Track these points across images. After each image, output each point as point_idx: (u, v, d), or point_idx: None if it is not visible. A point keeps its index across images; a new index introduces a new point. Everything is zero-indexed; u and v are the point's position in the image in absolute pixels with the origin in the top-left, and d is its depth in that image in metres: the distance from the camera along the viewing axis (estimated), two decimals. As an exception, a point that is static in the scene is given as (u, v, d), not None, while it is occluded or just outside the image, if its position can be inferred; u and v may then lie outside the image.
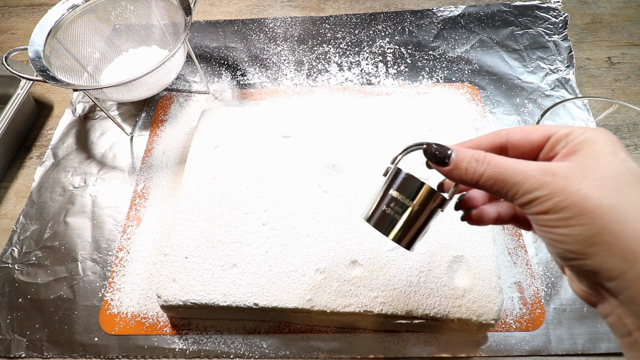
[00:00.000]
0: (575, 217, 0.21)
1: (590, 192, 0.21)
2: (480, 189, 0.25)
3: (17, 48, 0.52)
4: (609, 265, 0.20)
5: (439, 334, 0.43)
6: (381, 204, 0.29)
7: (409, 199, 0.28)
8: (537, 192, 0.22)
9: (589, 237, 0.20)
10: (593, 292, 0.23)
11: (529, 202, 0.22)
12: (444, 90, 0.62)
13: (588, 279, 0.22)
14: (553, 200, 0.21)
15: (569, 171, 0.22)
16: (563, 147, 0.24)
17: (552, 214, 0.21)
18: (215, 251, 0.44)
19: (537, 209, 0.22)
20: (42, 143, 0.61)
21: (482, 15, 0.71)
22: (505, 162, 0.24)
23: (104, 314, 0.46)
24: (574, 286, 0.24)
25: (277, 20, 0.73)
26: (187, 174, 0.49)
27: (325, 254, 0.43)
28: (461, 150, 0.26)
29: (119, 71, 0.62)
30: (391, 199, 0.29)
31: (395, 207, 0.28)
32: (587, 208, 0.20)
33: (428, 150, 0.26)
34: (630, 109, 0.49)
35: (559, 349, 0.42)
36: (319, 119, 0.53)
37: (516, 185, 0.23)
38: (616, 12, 0.71)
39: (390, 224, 0.29)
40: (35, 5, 0.81)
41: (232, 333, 0.44)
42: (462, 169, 0.25)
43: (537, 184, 0.22)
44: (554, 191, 0.21)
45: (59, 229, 0.52)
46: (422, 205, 0.28)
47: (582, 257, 0.21)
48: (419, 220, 0.28)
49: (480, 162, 0.24)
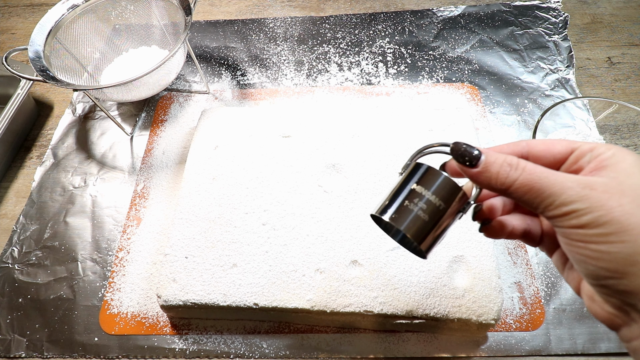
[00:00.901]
0: (616, 234, 0.20)
1: (632, 209, 0.20)
2: (508, 196, 0.24)
3: (17, 48, 0.52)
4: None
5: (439, 334, 0.43)
6: (398, 197, 0.26)
7: (433, 194, 0.25)
8: (575, 204, 0.21)
9: (629, 255, 0.20)
10: (620, 314, 0.22)
11: (565, 214, 0.21)
12: (444, 90, 0.62)
13: (620, 299, 0.21)
14: (593, 214, 0.20)
15: (608, 187, 0.21)
16: (588, 161, 0.23)
17: (590, 228, 0.20)
18: (215, 251, 0.44)
19: (574, 222, 0.21)
20: (42, 143, 0.61)
21: (482, 15, 0.71)
22: (540, 170, 0.22)
23: (104, 314, 0.46)
24: (593, 307, 0.23)
25: (277, 20, 0.73)
26: (187, 174, 0.49)
27: (325, 254, 0.43)
28: (492, 153, 0.24)
29: (119, 71, 0.62)
30: (412, 193, 0.26)
31: (417, 201, 0.26)
32: (629, 225, 0.20)
33: (456, 149, 0.24)
34: (630, 109, 0.49)
35: (559, 349, 0.42)
36: (319, 119, 0.53)
37: (552, 196, 0.22)
38: (616, 12, 0.71)
39: (410, 220, 0.25)
40: (35, 5, 0.81)
41: (232, 333, 0.44)
42: (492, 173, 0.23)
43: (576, 196, 0.21)
44: (594, 205, 0.20)
45: (59, 229, 0.52)
46: (447, 202, 0.26)
47: (619, 277, 0.20)
48: (442, 220, 0.26)
49: (514, 167, 0.23)
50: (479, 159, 0.24)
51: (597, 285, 0.22)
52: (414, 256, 0.42)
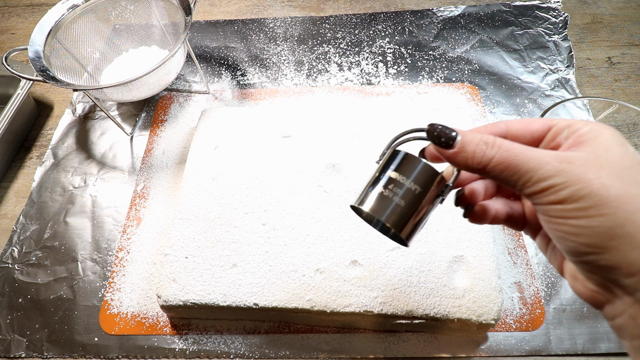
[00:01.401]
0: (595, 207, 0.19)
1: (610, 180, 0.20)
2: (486, 176, 0.23)
3: (17, 48, 0.52)
4: (630, 259, 0.19)
5: (439, 334, 0.43)
6: (376, 186, 0.26)
7: (410, 179, 0.25)
8: (553, 179, 0.20)
9: (609, 228, 0.19)
10: (603, 291, 0.21)
11: (543, 190, 0.21)
12: (444, 90, 0.62)
13: (601, 275, 0.21)
14: (571, 188, 0.20)
15: (585, 160, 0.21)
16: (566, 137, 0.23)
17: (568, 203, 0.20)
18: (215, 251, 0.44)
19: (552, 197, 0.21)
20: (42, 143, 0.61)
21: (482, 15, 0.71)
22: (517, 147, 0.22)
23: (104, 314, 0.46)
24: (576, 286, 0.23)
25: (277, 20, 0.73)
26: (187, 174, 0.49)
27: (325, 254, 0.43)
28: (468, 133, 0.24)
29: (119, 71, 0.62)
30: (389, 180, 0.26)
31: (394, 188, 0.25)
32: (608, 197, 0.19)
33: (432, 130, 0.24)
34: (630, 109, 0.49)
35: (559, 349, 0.42)
36: (319, 119, 0.53)
37: (530, 172, 0.21)
38: (616, 12, 0.71)
39: (388, 208, 0.25)
40: (35, 5, 0.81)
41: (232, 333, 0.44)
42: (469, 152, 0.23)
43: (553, 171, 0.21)
44: (572, 179, 0.20)
45: (59, 229, 0.52)
46: (424, 188, 0.25)
47: (600, 251, 0.20)
48: (421, 206, 0.26)
49: (490, 145, 0.23)
50: (455, 139, 0.24)
51: (579, 262, 0.21)
52: (414, 256, 0.42)
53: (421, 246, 0.43)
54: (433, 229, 0.44)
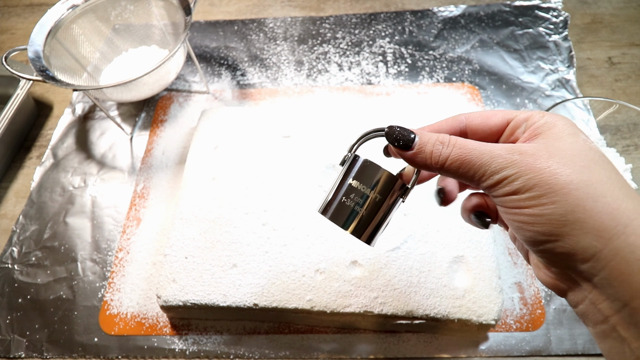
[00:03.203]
0: (546, 195, 0.20)
1: (559, 168, 0.20)
2: (445, 174, 0.24)
3: (17, 48, 0.52)
4: (583, 244, 0.19)
5: (439, 335, 0.43)
6: (338, 194, 0.27)
7: (370, 188, 0.26)
8: (505, 171, 0.21)
9: (561, 215, 0.20)
10: (563, 279, 0.22)
11: (497, 182, 0.22)
12: (444, 90, 0.62)
13: (560, 263, 0.21)
14: (522, 178, 0.21)
15: (536, 150, 0.21)
16: (523, 131, 0.24)
17: (521, 193, 0.21)
18: (215, 251, 0.44)
19: (506, 189, 0.21)
20: (42, 143, 0.61)
21: (482, 15, 0.71)
22: (471, 144, 0.23)
23: (103, 315, 0.46)
24: (540, 274, 0.23)
25: (277, 20, 0.73)
26: (187, 174, 0.49)
27: (325, 254, 0.43)
28: (425, 134, 0.25)
29: (118, 71, 0.61)
30: (350, 189, 0.26)
31: (354, 197, 0.26)
32: (558, 184, 0.20)
33: (390, 133, 0.25)
34: (631, 109, 0.49)
35: (560, 350, 0.42)
36: (319, 119, 0.52)
37: (483, 166, 0.22)
38: (616, 12, 0.71)
39: (349, 217, 0.26)
40: (35, 5, 0.81)
41: (232, 333, 0.44)
42: (427, 153, 0.24)
43: (504, 163, 0.21)
44: (523, 169, 0.21)
45: (59, 229, 0.52)
46: (384, 195, 0.26)
47: (555, 239, 0.20)
48: (380, 212, 0.26)
49: (446, 144, 0.23)
50: (414, 140, 0.24)
51: (538, 252, 0.22)
52: (414, 256, 0.42)
53: (421, 246, 0.43)
54: (433, 229, 0.44)
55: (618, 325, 0.20)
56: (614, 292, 0.19)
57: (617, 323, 0.20)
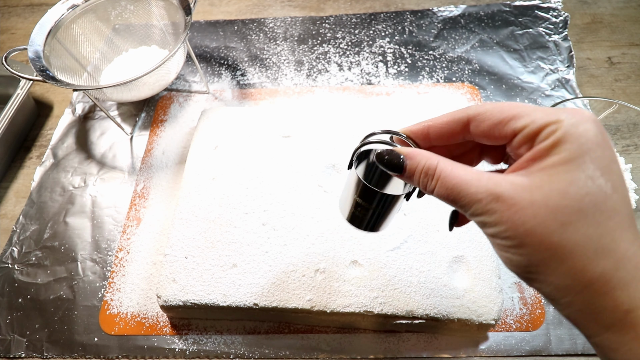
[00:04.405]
0: (516, 247, 0.21)
1: (534, 227, 0.20)
2: None
3: (17, 48, 0.52)
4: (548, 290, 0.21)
5: (439, 334, 0.43)
6: (349, 205, 0.31)
7: (373, 206, 0.29)
8: (483, 216, 0.22)
9: (527, 266, 0.21)
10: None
11: (478, 222, 0.23)
12: (444, 90, 0.62)
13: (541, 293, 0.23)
14: (498, 227, 0.21)
15: (517, 195, 0.21)
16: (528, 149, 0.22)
17: (498, 238, 0.22)
18: (215, 251, 0.44)
19: (486, 229, 0.23)
20: (42, 143, 0.61)
21: (482, 15, 0.71)
22: (453, 179, 0.23)
23: (103, 314, 0.46)
24: None
25: (277, 20, 0.73)
26: (187, 174, 0.49)
27: (325, 254, 0.43)
28: (414, 158, 0.25)
29: (119, 71, 0.61)
30: (356, 204, 0.30)
31: (361, 211, 0.30)
32: (528, 243, 0.20)
33: (380, 159, 0.26)
34: (631, 109, 0.49)
35: (559, 349, 0.42)
36: (319, 119, 0.52)
37: (465, 206, 0.23)
38: (616, 12, 0.71)
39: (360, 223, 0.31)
40: (35, 5, 0.81)
41: (232, 333, 0.44)
42: (416, 179, 0.25)
43: (482, 210, 0.22)
44: (498, 220, 0.21)
45: (59, 229, 0.52)
46: (387, 207, 0.29)
47: (528, 279, 0.22)
48: (387, 213, 0.30)
49: (430, 176, 0.24)
50: (402, 165, 0.25)
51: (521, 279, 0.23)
52: (414, 256, 0.42)
53: (421, 246, 0.43)
54: (433, 229, 0.44)
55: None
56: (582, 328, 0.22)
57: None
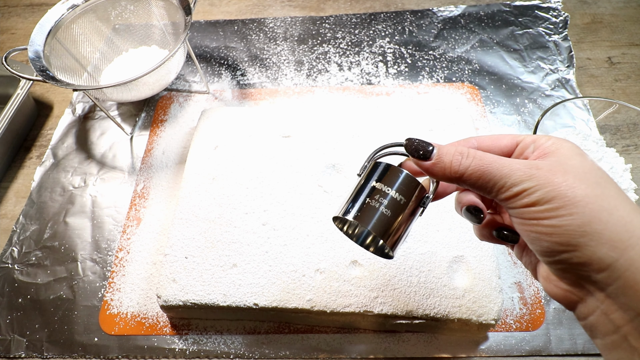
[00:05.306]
0: (564, 207, 0.21)
1: (575, 183, 0.21)
2: (463, 184, 0.25)
3: (17, 48, 0.52)
4: (599, 254, 0.20)
5: (439, 334, 0.43)
6: (360, 196, 0.27)
7: (394, 189, 0.26)
8: (524, 183, 0.22)
9: (579, 226, 0.21)
10: (576, 290, 0.22)
11: (516, 194, 0.23)
12: (444, 90, 0.62)
13: (574, 273, 0.22)
14: (541, 190, 0.22)
15: (551, 166, 0.23)
16: (532, 151, 0.25)
17: (540, 205, 0.22)
18: (215, 251, 0.44)
19: (525, 201, 0.22)
20: (42, 143, 0.61)
21: (482, 15, 0.71)
22: (490, 156, 0.24)
23: (103, 314, 0.46)
24: (550, 287, 0.24)
25: (277, 20, 0.73)
26: (187, 174, 0.49)
27: (325, 254, 0.43)
28: (444, 146, 0.26)
29: (119, 71, 0.62)
30: (374, 190, 0.27)
31: (379, 198, 0.26)
32: (575, 197, 0.21)
33: (410, 144, 0.26)
34: (631, 109, 0.49)
35: (559, 349, 0.42)
36: (319, 119, 0.52)
37: (503, 178, 0.23)
38: (616, 12, 0.71)
39: (374, 217, 0.26)
40: (35, 5, 0.81)
41: (232, 333, 0.44)
42: (446, 162, 0.25)
43: (524, 176, 0.22)
44: (542, 182, 0.22)
45: (59, 229, 0.52)
46: (408, 197, 0.26)
47: (572, 249, 0.21)
48: (404, 216, 0.26)
49: (465, 155, 0.24)
50: (432, 151, 0.25)
51: (552, 262, 0.22)
52: (414, 256, 0.42)
53: (421, 246, 0.43)
54: (433, 229, 0.44)
55: (629, 335, 0.21)
56: (628, 302, 0.20)
57: (629, 333, 0.21)
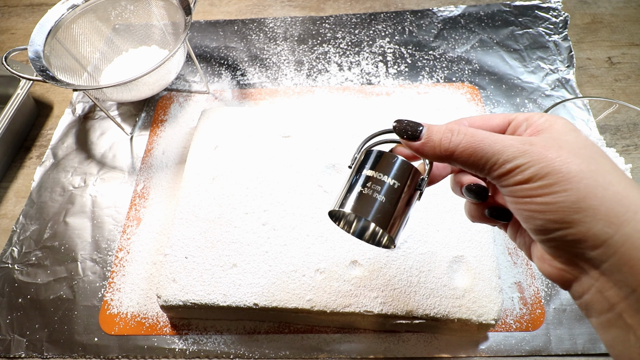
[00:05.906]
0: (558, 183, 0.20)
1: (569, 158, 0.21)
2: (455, 163, 0.24)
3: (17, 48, 0.52)
4: (594, 231, 0.20)
5: (439, 334, 0.43)
6: (355, 187, 0.26)
7: (388, 175, 0.26)
8: (517, 160, 0.22)
9: (573, 202, 0.20)
10: (570, 268, 0.22)
11: (509, 171, 0.22)
12: (444, 90, 0.62)
13: (568, 251, 0.21)
14: (535, 167, 0.21)
15: (545, 142, 0.22)
16: (525, 129, 0.24)
17: (533, 181, 0.21)
18: (215, 251, 0.44)
19: (518, 178, 0.22)
20: (42, 143, 0.61)
21: (482, 15, 0.71)
22: (481, 133, 0.23)
23: (103, 314, 0.46)
24: (544, 267, 0.23)
25: (277, 20, 0.73)
26: (187, 174, 0.49)
27: (325, 254, 0.43)
28: (433, 125, 0.25)
29: (119, 71, 0.62)
30: (367, 179, 0.26)
31: (373, 185, 0.26)
32: (570, 173, 0.20)
33: (399, 126, 0.25)
34: (631, 109, 0.49)
35: (559, 349, 0.42)
36: (319, 119, 0.52)
37: (495, 155, 0.22)
38: (616, 12, 0.71)
39: (371, 206, 0.25)
40: (35, 5, 0.81)
41: (232, 333, 0.44)
42: (435, 141, 0.24)
43: (517, 152, 0.22)
44: (535, 158, 0.21)
45: (59, 229, 0.52)
46: (403, 182, 0.26)
47: (567, 226, 0.20)
48: (401, 201, 0.26)
49: (456, 132, 0.24)
50: (422, 131, 0.25)
51: (546, 240, 0.22)
52: (414, 256, 0.42)
53: (421, 246, 0.43)
54: (433, 229, 0.44)
55: (624, 313, 0.20)
56: (623, 278, 0.20)
57: (624, 310, 0.20)
